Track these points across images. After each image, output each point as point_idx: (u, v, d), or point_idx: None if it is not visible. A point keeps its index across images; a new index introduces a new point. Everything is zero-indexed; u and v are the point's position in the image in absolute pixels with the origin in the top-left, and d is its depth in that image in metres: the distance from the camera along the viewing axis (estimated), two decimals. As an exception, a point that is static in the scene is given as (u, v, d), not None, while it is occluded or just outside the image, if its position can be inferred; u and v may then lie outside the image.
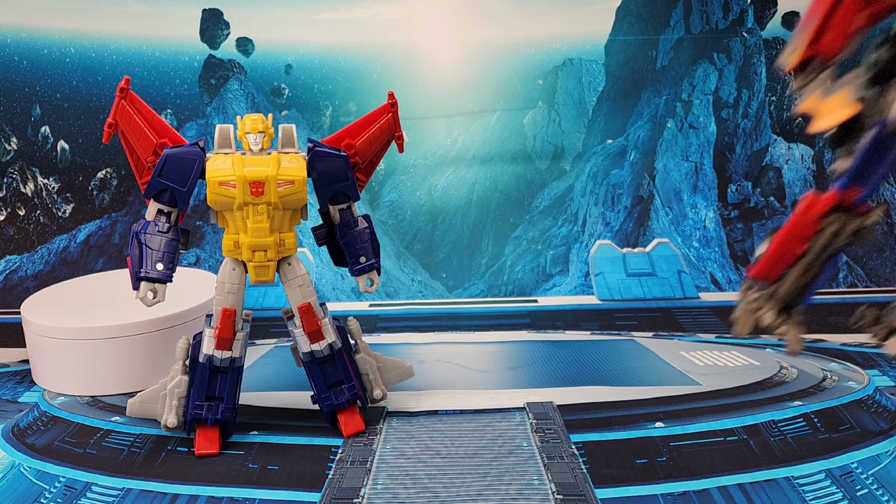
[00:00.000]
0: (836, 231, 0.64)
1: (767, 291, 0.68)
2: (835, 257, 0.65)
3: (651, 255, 1.47)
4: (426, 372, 1.08)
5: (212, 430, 0.87)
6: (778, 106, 1.51)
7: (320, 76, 1.51)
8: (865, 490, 0.77)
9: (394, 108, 0.90)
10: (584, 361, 1.11)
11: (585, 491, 0.78)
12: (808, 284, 0.67)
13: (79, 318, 1.04)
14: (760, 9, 1.49)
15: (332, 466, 0.83)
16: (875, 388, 0.99)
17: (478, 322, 1.32)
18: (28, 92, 1.49)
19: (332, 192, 0.87)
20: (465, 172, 1.52)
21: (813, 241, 0.64)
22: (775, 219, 1.50)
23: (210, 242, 1.50)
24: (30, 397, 1.04)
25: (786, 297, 0.67)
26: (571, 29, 1.51)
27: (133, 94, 0.83)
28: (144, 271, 0.82)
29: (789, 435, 0.88)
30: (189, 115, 1.50)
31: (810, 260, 0.65)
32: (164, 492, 0.80)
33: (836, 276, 1.47)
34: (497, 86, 1.51)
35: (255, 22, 1.49)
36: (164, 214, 0.84)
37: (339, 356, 0.89)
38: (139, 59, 1.49)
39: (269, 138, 0.84)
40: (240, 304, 0.86)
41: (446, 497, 0.77)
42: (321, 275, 1.46)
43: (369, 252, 0.89)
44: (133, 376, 1.04)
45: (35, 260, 1.50)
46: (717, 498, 0.76)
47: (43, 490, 0.81)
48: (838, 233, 0.64)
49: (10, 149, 1.50)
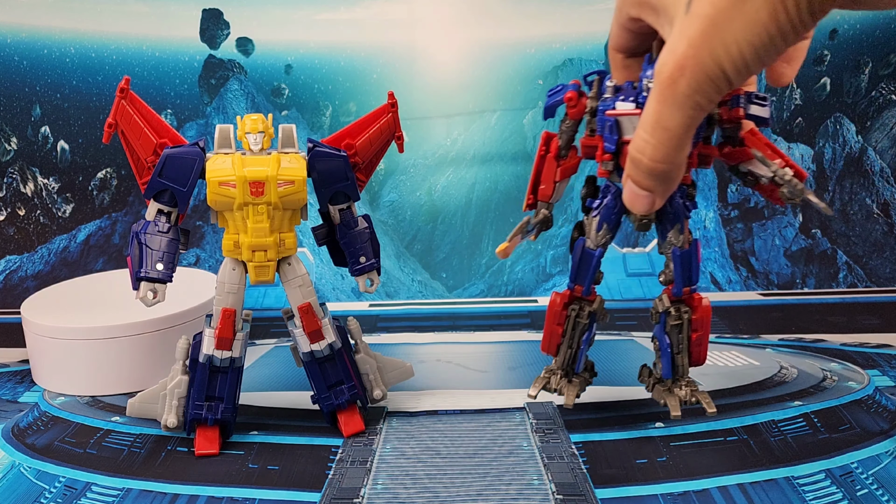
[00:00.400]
0: (577, 314, 0.86)
1: (553, 364, 0.89)
2: (586, 332, 0.87)
3: (651, 255, 1.47)
4: (426, 372, 1.08)
5: (212, 430, 0.87)
6: (778, 106, 1.51)
7: (320, 76, 1.51)
8: (865, 490, 0.77)
9: (394, 109, 0.90)
10: (584, 361, 1.11)
11: (585, 491, 0.78)
12: (574, 354, 0.88)
13: (79, 318, 1.04)
14: (760, 9, 1.49)
15: (332, 466, 0.83)
16: (875, 388, 0.99)
17: (478, 322, 1.32)
18: (28, 92, 1.49)
19: (332, 192, 0.87)
20: (465, 172, 1.52)
21: (566, 324, 0.86)
22: (775, 219, 1.50)
23: (210, 242, 1.50)
24: (30, 397, 1.04)
25: (562, 365, 0.88)
26: (571, 29, 1.51)
27: (133, 94, 0.83)
28: (144, 271, 0.82)
29: (789, 435, 0.88)
30: (189, 115, 1.50)
31: (569, 337, 0.87)
32: (164, 492, 0.80)
33: (836, 276, 1.47)
34: (497, 86, 1.51)
35: (255, 22, 1.49)
36: (164, 214, 0.84)
37: (339, 356, 0.89)
38: (139, 59, 1.49)
39: (269, 138, 0.84)
40: (240, 304, 0.86)
41: (446, 497, 0.77)
42: (321, 275, 1.46)
43: (369, 252, 0.89)
44: (133, 376, 1.04)
45: (35, 260, 1.50)
46: (717, 498, 0.76)
47: (43, 490, 0.81)
48: (579, 314, 0.86)
49: (10, 149, 1.50)
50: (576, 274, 0.85)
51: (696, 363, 0.87)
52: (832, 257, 1.48)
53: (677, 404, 0.85)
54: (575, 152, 0.83)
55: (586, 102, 0.80)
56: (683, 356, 0.85)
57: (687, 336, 0.84)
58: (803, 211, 1.50)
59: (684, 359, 0.86)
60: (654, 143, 0.63)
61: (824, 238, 1.49)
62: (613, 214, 0.83)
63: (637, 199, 0.69)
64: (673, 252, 0.82)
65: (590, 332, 0.87)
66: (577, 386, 0.88)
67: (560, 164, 0.83)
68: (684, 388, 0.86)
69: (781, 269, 1.48)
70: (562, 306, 0.86)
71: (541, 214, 0.85)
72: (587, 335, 0.87)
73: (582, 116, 0.81)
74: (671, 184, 0.67)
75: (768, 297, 1.42)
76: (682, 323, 0.84)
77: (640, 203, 0.69)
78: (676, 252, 0.82)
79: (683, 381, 0.87)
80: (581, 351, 0.87)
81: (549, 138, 0.84)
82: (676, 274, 0.82)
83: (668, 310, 0.84)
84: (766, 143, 0.79)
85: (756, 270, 1.48)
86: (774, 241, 1.50)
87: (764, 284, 1.47)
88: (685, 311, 0.84)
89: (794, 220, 1.50)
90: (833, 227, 1.49)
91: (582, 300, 0.86)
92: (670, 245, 0.82)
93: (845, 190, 1.50)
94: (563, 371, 0.89)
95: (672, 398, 0.86)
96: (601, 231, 0.83)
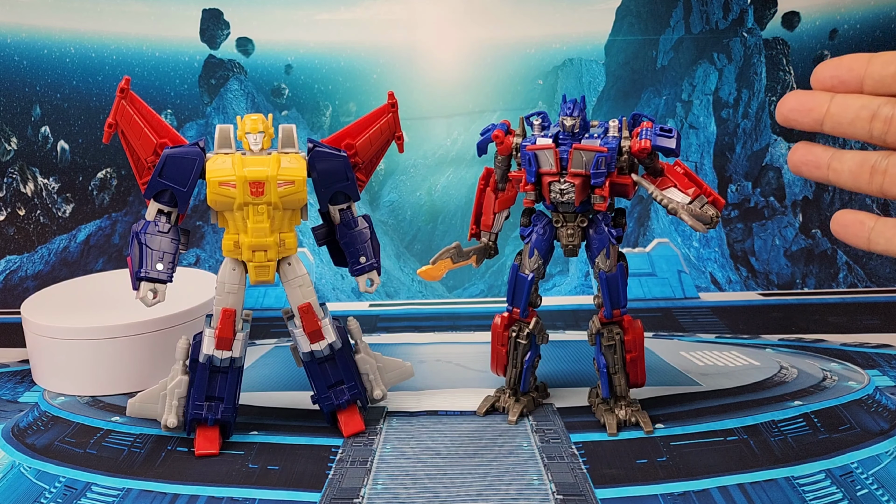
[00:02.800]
0: (517, 335, 0.91)
1: (504, 385, 0.95)
2: (528, 351, 0.91)
3: (651, 255, 1.47)
4: (426, 372, 1.08)
5: (212, 430, 0.87)
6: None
7: (320, 76, 1.51)
8: (865, 490, 0.77)
9: (394, 109, 0.90)
10: (584, 361, 1.11)
11: (585, 491, 0.78)
12: (520, 373, 0.92)
13: (79, 318, 1.04)
14: (760, 9, 1.49)
15: (332, 466, 0.83)
16: (875, 388, 0.99)
17: (478, 322, 1.32)
18: (28, 92, 1.49)
19: (332, 192, 0.87)
20: (465, 172, 1.52)
21: (508, 345, 0.91)
22: (775, 219, 1.50)
23: (210, 242, 1.50)
24: (30, 397, 1.04)
25: (510, 384, 0.93)
26: (571, 29, 1.51)
27: (133, 94, 0.83)
28: (144, 271, 0.82)
29: (789, 435, 0.88)
30: (189, 115, 1.50)
31: (512, 357, 0.92)
32: (164, 492, 0.80)
33: (836, 276, 1.47)
34: (497, 86, 1.51)
35: (255, 22, 1.49)
36: (164, 214, 0.84)
37: (339, 356, 0.89)
38: (139, 59, 1.49)
39: (269, 138, 0.84)
40: (240, 304, 0.86)
41: (446, 497, 0.77)
42: (321, 275, 1.46)
43: (369, 252, 0.89)
44: (133, 376, 1.04)
45: (35, 260, 1.50)
46: (717, 498, 0.76)
47: (43, 490, 0.81)
48: (518, 335, 0.91)
49: (10, 149, 1.50)
50: (512, 297, 0.91)
51: (635, 384, 0.91)
52: (832, 257, 1.48)
53: (614, 423, 0.89)
54: (511, 185, 0.90)
55: (512, 140, 0.87)
56: (620, 376, 0.89)
57: (622, 357, 0.89)
58: (803, 211, 1.50)
59: (621, 379, 0.89)
60: None
61: (824, 238, 1.49)
62: (544, 241, 0.89)
63: None
64: (600, 275, 0.87)
65: (532, 353, 0.92)
66: (523, 404, 0.93)
67: (498, 197, 0.91)
68: (624, 409, 0.90)
69: (781, 269, 1.48)
70: (503, 328, 0.92)
71: (482, 242, 0.92)
72: (530, 355, 0.92)
73: (510, 152, 0.88)
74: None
75: (768, 297, 1.42)
76: (614, 344, 0.88)
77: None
78: (603, 276, 0.87)
79: (624, 402, 0.90)
80: (525, 370, 0.92)
81: (488, 173, 0.91)
82: (604, 297, 0.88)
83: (600, 331, 0.89)
84: (684, 173, 0.84)
85: (756, 270, 1.48)
86: (774, 241, 1.50)
87: (764, 284, 1.47)
88: (617, 333, 0.89)
89: (794, 220, 1.50)
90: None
91: (521, 322, 0.91)
92: (598, 269, 0.87)
93: (845, 190, 1.50)
94: (511, 390, 0.94)
95: (611, 417, 0.89)
96: (533, 257, 0.89)
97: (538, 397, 0.96)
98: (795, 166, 0.70)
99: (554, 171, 0.83)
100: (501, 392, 0.95)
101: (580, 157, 0.82)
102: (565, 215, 0.86)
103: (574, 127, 0.83)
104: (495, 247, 0.93)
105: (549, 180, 0.83)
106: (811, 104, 0.66)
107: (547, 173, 0.83)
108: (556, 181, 0.83)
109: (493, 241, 0.92)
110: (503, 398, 0.94)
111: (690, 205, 0.82)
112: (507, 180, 0.90)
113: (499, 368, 0.94)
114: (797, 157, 0.70)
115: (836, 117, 0.65)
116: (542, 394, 0.98)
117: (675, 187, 0.84)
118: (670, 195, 0.83)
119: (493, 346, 0.93)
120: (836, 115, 0.65)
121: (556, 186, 0.83)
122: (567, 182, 0.82)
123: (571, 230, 0.87)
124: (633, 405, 0.91)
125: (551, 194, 0.84)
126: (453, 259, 0.90)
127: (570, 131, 0.83)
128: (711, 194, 0.83)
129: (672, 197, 0.83)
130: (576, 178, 0.82)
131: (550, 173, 0.83)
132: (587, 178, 0.82)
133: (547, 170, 0.83)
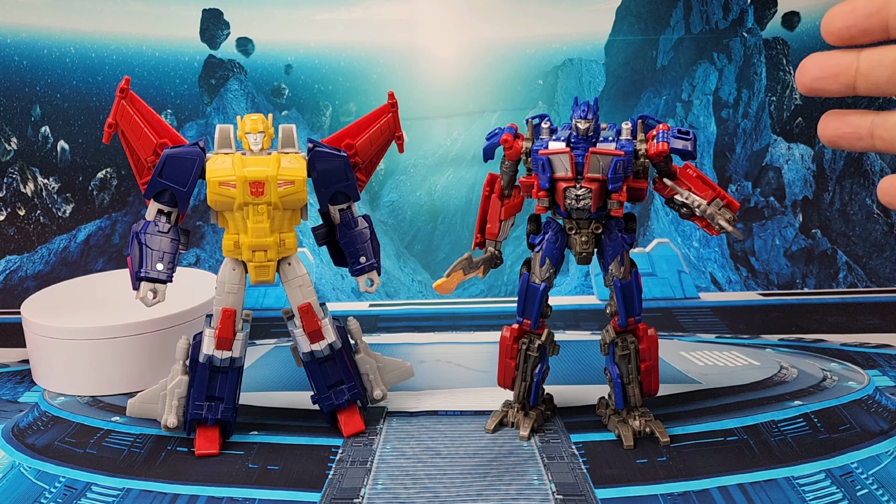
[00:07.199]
0: (527, 347, 0.88)
1: (511, 398, 0.92)
2: (538, 364, 0.89)
3: (651, 255, 1.47)
4: (426, 372, 1.08)
5: (212, 430, 0.87)
6: (778, 106, 1.51)
7: (320, 76, 1.51)
8: (865, 490, 0.77)
9: (394, 109, 0.90)
10: (584, 361, 1.11)
11: (585, 491, 0.78)
12: (529, 386, 0.90)
13: (79, 318, 1.04)
14: (760, 9, 1.49)
15: (332, 466, 0.84)
16: (875, 388, 0.99)
17: (478, 322, 1.32)
18: (28, 92, 1.49)
19: (332, 192, 0.87)
20: (465, 172, 1.52)
21: (518, 357, 0.89)
22: (775, 219, 1.50)
23: (210, 242, 1.50)
24: (30, 397, 1.04)
25: (519, 398, 0.91)
26: (571, 29, 1.51)
27: (133, 94, 0.83)
28: (144, 271, 0.82)
29: (789, 435, 0.88)
30: (189, 115, 1.50)
31: (522, 370, 0.89)
32: (164, 492, 0.80)
33: (836, 276, 1.47)
34: (497, 86, 1.51)
35: (255, 22, 1.49)
36: (164, 214, 0.84)
37: (339, 356, 0.89)
38: (139, 59, 1.49)
39: (269, 138, 0.84)
40: (240, 304, 0.86)
41: (446, 497, 0.77)
42: (321, 275, 1.46)
43: (369, 252, 0.89)
44: (133, 376, 1.04)
45: (35, 260, 1.50)
46: (717, 498, 0.76)
47: (43, 490, 0.81)
48: (529, 347, 0.88)
49: (10, 149, 1.50)
50: (522, 308, 0.88)
51: (649, 394, 0.89)
52: (832, 257, 1.48)
53: (630, 435, 0.86)
54: (518, 191, 0.87)
55: (521, 144, 0.84)
56: (634, 386, 0.87)
57: (636, 366, 0.87)
58: (804, 211, 1.50)
59: (635, 389, 0.87)
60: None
61: (824, 238, 1.49)
62: (555, 249, 0.86)
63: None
64: (614, 283, 0.85)
65: (542, 365, 0.89)
66: (533, 419, 0.90)
67: (504, 204, 0.88)
68: (639, 419, 0.88)
69: (781, 269, 1.48)
70: (512, 340, 0.89)
71: (488, 252, 0.88)
72: (539, 368, 0.89)
73: (519, 157, 0.85)
74: None
75: (768, 297, 1.42)
76: (629, 353, 0.86)
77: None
78: (617, 283, 0.84)
79: (637, 412, 0.88)
80: (535, 384, 0.89)
81: (493, 179, 0.88)
82: (619, 305, 0.85)
83: (615, 340, 0.86)
84: (697, 177, 0.83)
85: (756, 270, 1.48)
86: (774, 241, 1.50)
87: (764, 284, 1.47)
88: (632, 342, 0.86)
89: (794, 221, 1.50)
90: (833, 228, 1.49)
91: (531, 333, 0.89)
92: (612, 277, 0.85)
93: (845, 190, 1.50)
94: (519, 404, 0.91)
95: (626, 429, 0.87)
96: (544, 266, 0.86)
97: (546, 410, 0.94)
98: (831, 141, 0.60)
99: (569, 176, 0.80)
100: (509, 407, 0.92)
101: (597, 161, 0.79)
102: (579, 222, 0.83)
103: (588, 130, 0.80)
104: (500, 256, 0.89)
105: (565, 186, 0.80)
106: (836, 68, 0.57)
107: (561, 179, 0.80)
108: (572, 187, 0.80)
109: (498, 249, 0.89)
110: (511, 413, 0.91)
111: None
112: (514, 186, 0.87)
113: (507, 382, 0.91)
114: (830, 131, 0.60)
115: (871, 77, 0.56)
116: (550, 406, 0.95)
117: (690, 191, 0.82)
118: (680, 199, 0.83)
119: (500, 359, 0.90)
120: (869, 74, 0.56)
121: (572, 192, 0.80)
122: (584, 188, 0.80)
123: (586, 237, 0.84)
124: (646, 415, 0.88)
125: (566, 200, 0.81)
126: (465, 270, 0.87)
127: (585, 135, 0.80)
128: (726, 197, 0.82)
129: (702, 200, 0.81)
130: (592, 184, 0.79)
131: (565, 179, 0.80)
132: (604, 183, 0.80)
133: (562, 175, 0.80)
